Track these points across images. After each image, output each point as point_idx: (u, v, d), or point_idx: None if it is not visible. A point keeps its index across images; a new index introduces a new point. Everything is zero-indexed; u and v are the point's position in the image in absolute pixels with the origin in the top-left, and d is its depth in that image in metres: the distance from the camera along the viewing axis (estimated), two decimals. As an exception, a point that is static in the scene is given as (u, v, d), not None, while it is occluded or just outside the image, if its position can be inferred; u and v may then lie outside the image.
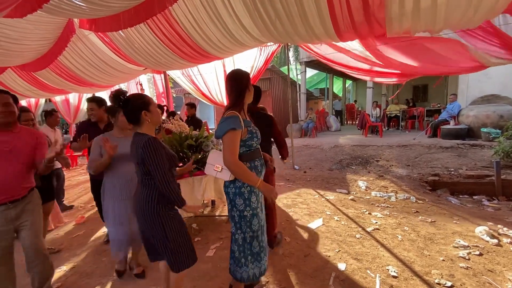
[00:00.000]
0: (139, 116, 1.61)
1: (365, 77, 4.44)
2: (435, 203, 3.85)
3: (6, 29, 2.87)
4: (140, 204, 1.61)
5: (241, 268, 1.74)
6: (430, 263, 2.37)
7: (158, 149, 1.54)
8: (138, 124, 1.64)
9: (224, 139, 1.63)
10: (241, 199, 1.69)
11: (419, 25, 2.19)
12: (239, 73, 1.76)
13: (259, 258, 1.76)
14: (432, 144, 6.50)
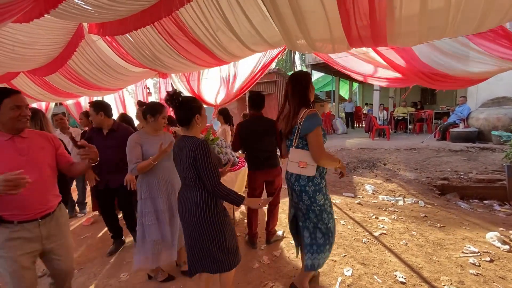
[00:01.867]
0: (192, 118, 1.62)
1: (376, 82, 4.39)
2: (444, 207, 3.78)
3: (20, 34, 2.95)
4: (189, 207, 1.60)
5: (319, 255, 1.90)
6: (439, 269, 2.32)
7: (210, 152, 1.55)
8: (189, 126, 1.64)
9: (313, 135, 1.75)
10: (320, 194, 1.85)
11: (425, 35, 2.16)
12: (300, 74, 1.94)
13: (328, 248, 1.93)
14: (441, 147, 6.40)
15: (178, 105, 1.61)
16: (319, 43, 2.60)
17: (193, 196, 1.60)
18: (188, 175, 1.59)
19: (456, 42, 3.04)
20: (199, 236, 1.60)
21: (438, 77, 3.60)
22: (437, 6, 1.89)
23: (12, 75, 4.25)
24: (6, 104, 1.41)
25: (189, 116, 1.62)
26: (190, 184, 1.62)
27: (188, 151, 1.54)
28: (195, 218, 1.58)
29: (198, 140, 1.56)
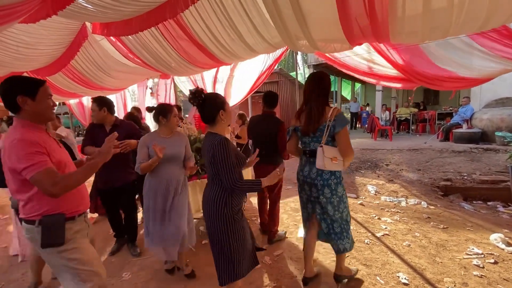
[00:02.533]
0: (216, 115, 1.60)
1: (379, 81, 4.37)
2: (448, 208, 3.75)
3: (23, 35, 2.97)
4: (209, 204, 1.61)
5: (344, 240, 2.05)
6: (442, 271, 2.31)
7: (229, 149, 1.53)
8: (213, 123, 1.63)
9: (344, 133, 1.88)
10: (341, 186, 2.01)
11: (428, 34, 2.15)
12: (323, 74, 2.03)
13: (345, 235, 2.07)
14: (444, 148, 6.36)
15: (201, 102, 1.60)
16: (320, 43, 2.60)
17: (209, 193, 1.62)
18: (209, 171, 1.63)
19: (459, 42, 3.03)
20: (214, 233, 1.61)
21: (441, 78, 3.59)
22: (440, 6, 1.88)
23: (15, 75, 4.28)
24: (43, 92, 1.37)
25: (213, 112, 1.60)
26: (209, 179, 1.66)
27: (208, 148, 1.56)
28: (207, 215, 1.62)
29: (219, 137, 1.55)
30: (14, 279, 2.55)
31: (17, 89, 1.30)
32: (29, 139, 1.27)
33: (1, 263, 2.86)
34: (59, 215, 1.37)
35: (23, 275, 2.60)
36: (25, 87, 1.32)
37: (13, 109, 1.34)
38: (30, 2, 1.53)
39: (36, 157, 1.25)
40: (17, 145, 1.25)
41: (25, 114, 1.34)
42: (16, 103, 1.31)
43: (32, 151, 1.25)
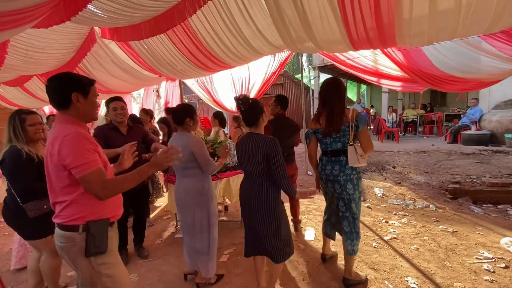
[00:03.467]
0: (260, 117, 1.83)
1: (387, 83, 4.34)
2: (457, 212, 3.69)
3: (33, 39, 3.03)
4: (261, 195, 1.78)
5: (358, 241, 2.13)
6: (452, 275, 2.26)
7: (280, 150, 1.73)
8: (256, 125, 1.85)
9: (365, 131, 2.05)
10: (360, 182, 2.13)
11: (435, 35, 2.13)
12: (340, 80, 2.16)
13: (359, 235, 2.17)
14: (452, 150, 6.27)
15: (248, 107, 1.81)
16: (325, 44, 2.60)
17: (257, 187, 1.80)
18: (256, 168, 1.78)
19: (467, 43, 2.99)
20: (260, 223, 1.80)
21: (448, 79, 3.55)
22: (447, 7, 1.86)
23: (25, 78, 4.36)
24: (93, 91, 1.36)
25: (258, 116, 1.83)
26: (254, 176, 1.82)
27: (261, 148, 1.73)
28: (257, 207, 1.78)
29: (269, 138, 1.75)
30: (23, 279, 2.58)
31: (73, 86, 1.28)
32: (83, 135, 1.23)
33: (10, 265, 2.90)
34: (104, 220, 1.30)
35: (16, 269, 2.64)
36: (80, 84, 1.30)
37: (63, 105, 1.29)
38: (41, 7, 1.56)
39: (90, 155, 1.20)
40: (72, 140, 1.19)
41: (74, 112, 1.30)
42: (69, 99, 1.27)
43: (87, 148, 1.20)
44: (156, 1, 2.28)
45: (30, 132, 1.90)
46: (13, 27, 1.62)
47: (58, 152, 1.18)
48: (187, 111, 2.10)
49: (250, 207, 1.83)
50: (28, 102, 5.97)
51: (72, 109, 1.29)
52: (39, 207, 1.87)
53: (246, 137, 1.87)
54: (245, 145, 1.85)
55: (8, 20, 1.51)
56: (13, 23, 1.58)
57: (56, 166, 1.21)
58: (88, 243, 1.23)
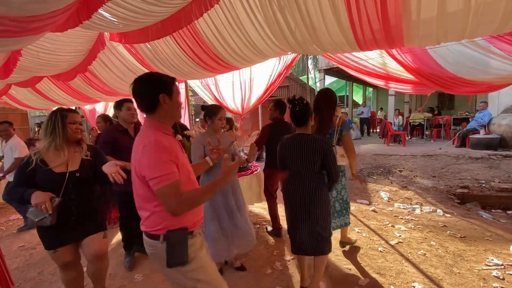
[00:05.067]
0: (310, 118, 1.96)
1: (394, 85, 4.31)
2: (465, 217, 3.63)
3: (45, 41, 3.10)
4: (316, 191, 1.89)
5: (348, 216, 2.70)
6: (460, 282, 2.22)
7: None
8: (306, 125, 1.96)
9: (348, 135, 2.46)
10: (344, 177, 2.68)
11: (443, 35, 2.12)
12: (333, 92, 2.60)
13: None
14: (460, 154, 6.17)
15: (303, 107, 1.91)
16: (330, 46, 2.60)
17: (312, 185, 1.90)
18: (309, 167, 1.88)
19: (476, 46, 2.96)
20: (312, 218, 1.90)
21: (457, 82, 3.50)
22: (456, 8, 1.85)
23: (37, 79, 4.45)
24: (176, 90, 1.30)
25: (308, 117, 1.95)
26: (305, 175, 1.91)
27: (318, 147, 1.85)
28: (314, 204, 1.89)
29: (323, 137, 1.94)
30: (31, 277, 2.63)
31: (160, 87, 1.22)
32: (163, 144, 1.17)
33: (18, 262, 2.95)
34: (183, 230, 1.24)
35: (39, 273, 2.68)
36: (165, 84, 1.24)
37: (152, 108, 1.24)
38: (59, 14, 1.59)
39: (167, 167, 1.14)
40: (151, 150, 1.15)
41: (160, 114, 1.25)
42: (158, 101, 1.21)
43: (165, 159, 1.15)
44: (165, 7, 2.32)
45: (70, 130, 1.79)
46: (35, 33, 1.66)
47: (139, 162, 1.17)
48: (206, 112, 2.33)
49: (306, 205, 1.90)
50: (39, 103, 6.09)
51: (158, 111, 1.24)
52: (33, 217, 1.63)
53: (293, 138, 1.95)
54: (294, 145, 1.93)
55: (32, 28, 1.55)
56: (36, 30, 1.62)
57: (137, 175, 1.20)
58: (169, 254, 1.20)
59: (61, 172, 1.72)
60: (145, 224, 1.26)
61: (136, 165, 1.19)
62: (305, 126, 1.96)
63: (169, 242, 1.20)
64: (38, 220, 1.61)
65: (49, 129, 1.73)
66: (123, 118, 2.60)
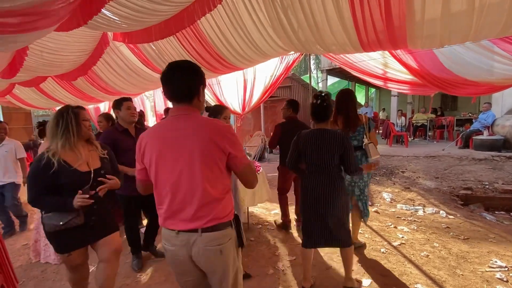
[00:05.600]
0: (331, 115, 2.04)
1: (396, 86, 4.30)
2: (468, 219, 3.60)
3: (49, 41, 3.11)
4: (336, 185, 1.96)
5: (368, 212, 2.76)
6: (463, 284, 2.21)
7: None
8: (326, 121, 2.02)
9: (374, 132, 2.68)
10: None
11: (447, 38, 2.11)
12: (352, 90, 2.69)
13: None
14: (463, 155, 6.13)
15: (328, 103, 1.97)
16: (334, 47, 2.60)
17: (332, 179, 1.96)
18: (329, 162, 1.94)
19: (479, 46, 2.94)
20: (336, 211, 1.97)
21: (460, 83, 3.49)
22: (460, 9, 1.84)
23: (41, 79, 4.48)
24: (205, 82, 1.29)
25: (330, 113, 2.01)
26: (325, 170, 1.97)
27: (338, 141, 1.90)
28: (334, 197, 1.95)
29: (341, 132, 1.97)
30: (34, 276, 2.64)
31: (201, 77, 1.22)
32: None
33: (22, 260, 2.97)
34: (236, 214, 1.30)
35: (42, 272, 2.69)
36: (203, 76, 1.24)
37: (189, 98, 1.20)
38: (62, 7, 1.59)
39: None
40: (230, 129, 1.21)
41: (195, 105, 1.23)
42: (197, 92, 1.20)
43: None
44: (169, 6, 2.33)
45: (84, 127, 1.72)
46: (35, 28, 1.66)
47: (227, 140, 1.17)
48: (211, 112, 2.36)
49: (328, 199, 1.96)
50: (42, 103, 6.12)
51: (194, 102, 1.21)
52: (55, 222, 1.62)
53: (314, 133, 1.99)
54: (315, 140, 1.97)
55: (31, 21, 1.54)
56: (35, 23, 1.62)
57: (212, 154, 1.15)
58: (239, 235, 1.27)
59: (86, 171, 1.68)
60: (214, 215, 1.16)
61: (211, 145, 1.13)
62: (326, 122, 2.01)
63: (238, 224, 1.27)
64: (64, 222, 1.58)
65: (62, 127, 1.63)
66: (123, 118, 2.51)
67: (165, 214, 1.20)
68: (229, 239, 1.21)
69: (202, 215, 1.15)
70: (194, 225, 1.15)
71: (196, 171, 1.13)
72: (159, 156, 1.16)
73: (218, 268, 1.21)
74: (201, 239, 1.15)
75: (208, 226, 1.15)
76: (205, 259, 1.18)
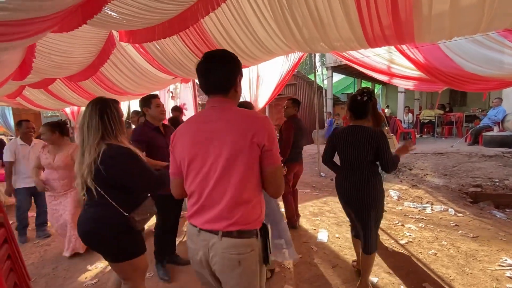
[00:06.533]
0: (369, 113, 1.99)
1: (403, 82, 4.24)
2: (477, 216, 3.54)
3: (56, 43, 3.16)
4: (370, 184, 1.94)
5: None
6: (472, 282, 2.18)
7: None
8: (365, 118, 1.99)
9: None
10: None
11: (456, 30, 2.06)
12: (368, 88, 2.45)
13: None
14: (473, 152, 6.02)
15: (369, 102, 1.96)
16: (338, 43, 2.57)
17: (365, 175, 1.95)
18: (363, 158, 1.93)
19: (489, 40, 2.87)
20: (365, 211, 1.95)
21: (469, 79, 3.41)
22: (470, 2, 1.80)
23: (49, 80, 4.56)
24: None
25: (369, 111, 1.98)
26: (358, 166, 1.96)
27: (373, 138, 1.89)
28: (369, 193, 1.93)
29: (377, 129, 1.96)
30: (45, 273, 2.70)
31: (238, 68, 1.16)
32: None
33: (33, 258, 3.04)
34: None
35: (53, 269, 2.75)
36: (240, 66, 1.17)
37: (227, 90, 1.14)
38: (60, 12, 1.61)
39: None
40: (270, 123, 1.09)
41: (232, 97, 1.16)
42: (234, 83, 1.14)
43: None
44: (171, 4, 2.34)
45: (123, 124, 1.55)
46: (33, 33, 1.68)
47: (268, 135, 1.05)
48: None
49: (358, 196, 1.95)
50: (51, 104, 6.23)
51: (231, 93, 1.15)
52: (145, 216, 1.51)
53: (349, 130, 1.99)
54: (349, 137, 1.97)
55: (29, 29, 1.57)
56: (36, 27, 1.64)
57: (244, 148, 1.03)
58: (265, 249, 1.12)
59: None
60: (238, 219, 1.05)
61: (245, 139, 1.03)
62: (364, 119, 1.99)
63: (265, 235, 1.10)
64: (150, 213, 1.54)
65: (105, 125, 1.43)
66: (153, 116, 2.38)
67: (192, 210, 1.13)
68: (251, 250, 1.07)
69: (226, 217, 1.05)
70: (216, 226, 1.05)
71: (227, 166, 1.04)
72: (190, 150, 1.10)
73: (233, 281, 1.08)
74: (220, 243, 1.04)
75: (230, 230, 1.04)
76: (221, 267, 1.07)
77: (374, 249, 2.00)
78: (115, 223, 1.43)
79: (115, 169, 1.38)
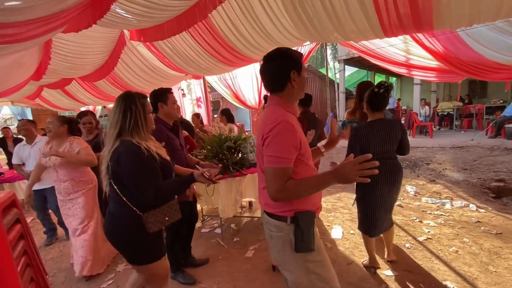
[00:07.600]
0: (386, 105, 2.08)
1: (420, 73, 4.07)
2: (501, 212, 3.38)
3: (70, 44, 3.23)
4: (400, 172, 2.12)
5: None
6: (497, 281, 2.07)
7: None
8: (382, 110, 2.07)
9: None
10: None
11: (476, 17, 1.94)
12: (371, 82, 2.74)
13: None
14: (495, 145, 5.74)
15: (387, 94, 2.02)
16: (353, 35, 2.49)
17: (396, 165, 2.11)
18: (392, 148, 2.07)
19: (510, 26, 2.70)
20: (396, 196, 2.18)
21: (490, 68, 3.23)
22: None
23: (66, 81, 4.68)
24: (303, 66, 1.23)
25: (387, 104, 2.08)
26: (389, 158, 2.08)
27: (398, 128, 2.05)
28: (399, 181, 2.12)
29: (398, 119, 2.17)
30: (65, 267, 2.78)
31: (291, 63, 1.15)
32: (294, 127, 1.11)
33: (53, 253, 3.14)
34: (311, 213, 1.17)
35: (72, 264, 2.83)
36: (295, 60, 1.17)
37: (281, 87, 1.17)
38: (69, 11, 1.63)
39: (286, 152, 1.09)
40: (281, 130, 1.09)
41: (287, 93, 1.18)
42: (287, 79, 1.15)
43: (289, 144, 1.09)
44: (179, 1, 2.32)
45: (151, 120, 1.48)
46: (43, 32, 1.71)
47: (265, 139, 1.12)
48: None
49: (398, 185, 2.14)
50: (68, 104, 6.42)
51: (287, 89, 1.17)
52: (160, 219, 1.41)
53: (377, 122, 2.05)
54: (380, 129, 2.04)
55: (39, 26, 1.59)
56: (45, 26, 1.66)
57: (260, 150, 1.18)
58: (297, 238, 1.14)
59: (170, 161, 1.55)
60: (270, 204, 1.19)
61: (261, 141, 1.17)
62: (381, 111, 2.07)
63: (298, 225, 1.14)
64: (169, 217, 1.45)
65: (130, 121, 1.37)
66: (169, 113, 2.10)
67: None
68: (279, 232, 1.19)
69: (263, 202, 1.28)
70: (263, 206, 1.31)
71: (257, 163, 1.29)
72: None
73: (272, 251, 1.28)
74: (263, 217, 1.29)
75: (265, 210, 1.27)
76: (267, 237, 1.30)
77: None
78: (127, 221, 1.38)
79: (117, 165, 1.33)
